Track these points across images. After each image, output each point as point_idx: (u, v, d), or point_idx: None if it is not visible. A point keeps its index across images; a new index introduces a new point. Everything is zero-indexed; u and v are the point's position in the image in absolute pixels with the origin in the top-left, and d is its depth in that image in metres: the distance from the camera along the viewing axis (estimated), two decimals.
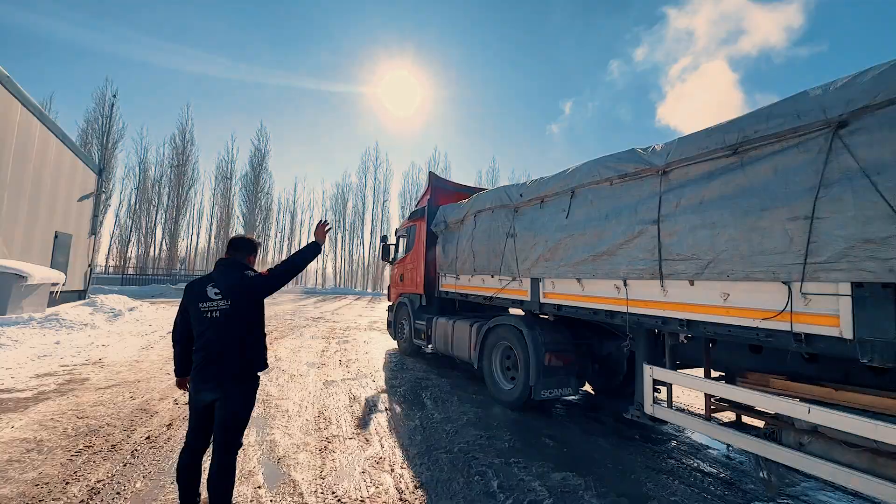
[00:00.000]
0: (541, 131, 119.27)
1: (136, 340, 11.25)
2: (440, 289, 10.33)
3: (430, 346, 10.00)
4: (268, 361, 3.43)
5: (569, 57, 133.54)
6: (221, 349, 3.12)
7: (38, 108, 15.09)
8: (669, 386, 5.01)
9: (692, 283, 4.42)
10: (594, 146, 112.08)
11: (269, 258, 56.77)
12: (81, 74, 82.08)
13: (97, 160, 29.50)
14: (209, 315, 3.17)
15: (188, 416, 3.26)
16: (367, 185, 64.30)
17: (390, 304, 12.73)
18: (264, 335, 3.42)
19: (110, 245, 51.21)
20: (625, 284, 5.16)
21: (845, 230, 3.27)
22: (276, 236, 62.67)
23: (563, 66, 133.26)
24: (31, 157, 14.76)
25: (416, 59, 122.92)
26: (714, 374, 4.96)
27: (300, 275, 63.51)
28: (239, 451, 3.27)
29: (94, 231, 22.10)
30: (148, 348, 10.26)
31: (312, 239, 3.68)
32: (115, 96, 33.78)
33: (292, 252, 3.42)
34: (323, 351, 11.23)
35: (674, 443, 5.75)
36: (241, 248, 3.57)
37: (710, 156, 4.31)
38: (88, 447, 4.77)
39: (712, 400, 4.62)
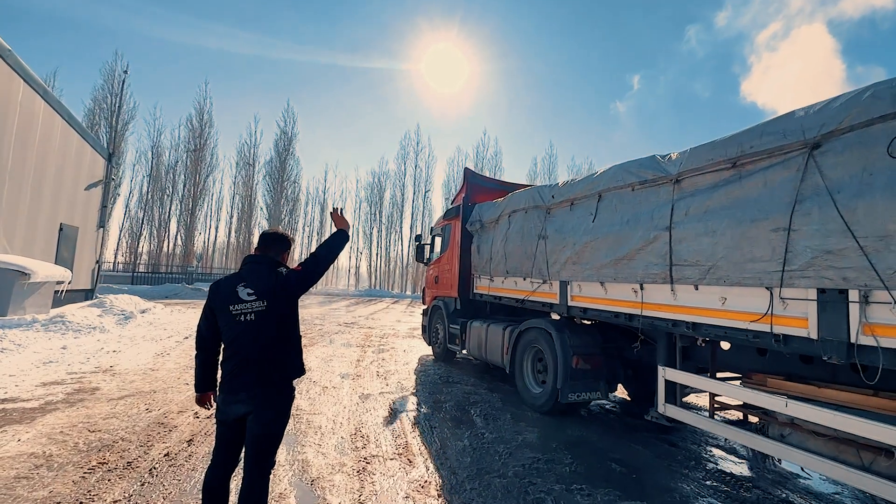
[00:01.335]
0: (604, 110, 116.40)
1: (149, 346, 11.85)
2: (474, 291, 11.48)
3: (464, 351, 11.11)
4: (304, 368, 3.45)
5: (637, 22, 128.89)
6: (257, 356, 3.26)
7: (41, 86, 15.78)
8: (678, 386, 5.94)
9: (697, 288, 5.43)
10: (666, 128, 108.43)
11: (296, 255, 57.67)
12: (88, 47, 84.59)
13: (106, 143, 30.49)
14: (242, 318, 3.27)
15: (214, 432, 3.33)
16: (406, 173, 65.25)
17: (425, 307, 13.95)
18: (300, 338, 3.47)
19: (119, 239, 53.30)
20: (641, 288, 6.19)
21: (812, 241, 4.27)
22: (303, 230, 63.74)
23: (630, 34, 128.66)
24: (34, 140, 15.44)
25: (463, 31, 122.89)
26: (729, 375, 6.12)
27: (329, 275, 63.93)
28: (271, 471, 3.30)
29: (103, 223, 22.99)
30: (163, 355, 10.74)
31: (335, 230, 3.82)
32: (125, 72, 34.71)
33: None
34: (358, 361, 11.84)
35: (759, 471, 5.92)
36: (275, 244, 3.71)
37: (714, 167, 5.31)
38: (102, 464, 5.04)
39: (716, 399, 5.74)
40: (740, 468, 5.94)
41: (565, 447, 6.26)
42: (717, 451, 6.45)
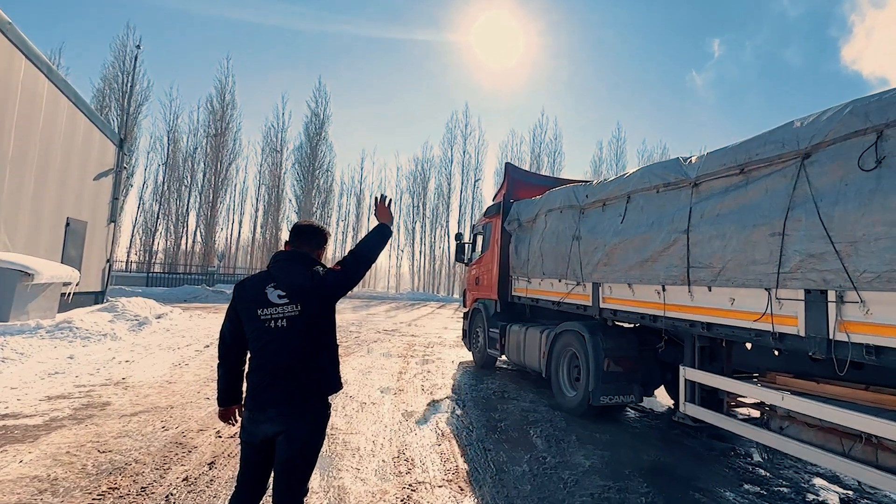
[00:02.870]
0: (679, 83, 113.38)
1: (166, 355, 12.28)
2: (512, 293, 12.58)
3: (503, 357, 12.29)
4: (341, 381, 3.51)
5: None
6: (288, 367, 3.28)
7: (46, 63, 16.35)
8: (695, 384, 6.88)
9: (710, 289, 6.47)
10: (753, 103, 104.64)
11: (329, 253, 57.61)
12: (96, 20, 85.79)
13: (117, 127, 31.18)
14: (272, 324, 3.29)
15: (239, 454, 3.30)
16: (453, 160, 65.86)
17: (465, 310, 15.09)
18: (337, 347, 3.41)
19: (133, 235, 54.59)
20: (663, 290, 7.22)
21: (800, 246, 5.28)
22: (338, 224, 64.18)
23: None
24: (37, 125, 16.04)
25: None
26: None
27: (366, 276, 64.80)
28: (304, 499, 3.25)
29: (114, 218, 23.63)
30: (181, 365, 11.08)
31: (377, 222, 3.84)
32: (138, 47, 35.63)
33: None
34: (400, 373, 12.25)
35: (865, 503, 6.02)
36: (310, 239, 3.73)
37: (726, 173, 6.36)
38: (113, 489, 5.14)
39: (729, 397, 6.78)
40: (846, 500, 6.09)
41: (640, 473, 6.36)
42: (817, 481, 6.52)
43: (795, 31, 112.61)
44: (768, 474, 6.57)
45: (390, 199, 3.94)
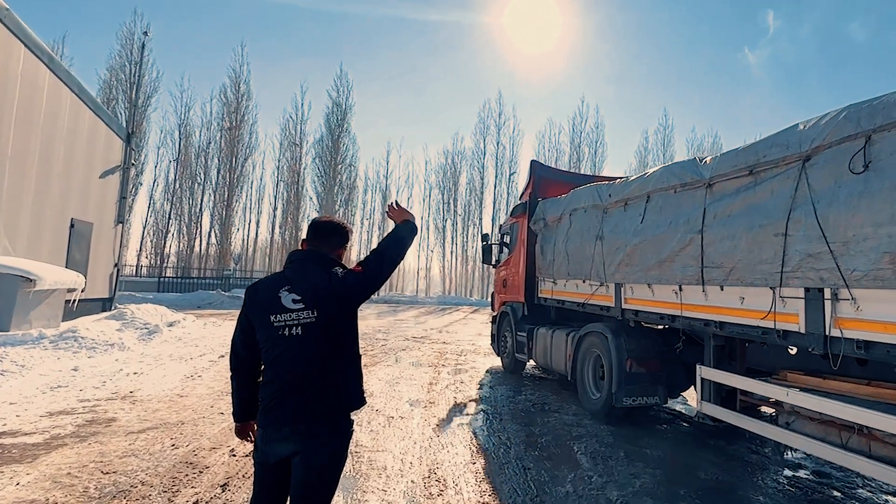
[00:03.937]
0: (731, 62, 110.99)
1: (177, 367, 12.46)
2: (539, 295, 13.21)
3: (531, 361, 12.96)
4: (364, 396, 3.50)
5: None
6: (304, 377, 3.20)
7: (47, 52, 16.63)
8: (712, 383, 7.53)
9: (722, 289, 7.14)
10: (812, 85, 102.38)
11: (351, 255, 58.11)
12: (101, 7, 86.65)
13: (124, 121, 31.47)
14: (286, 332, 3.22)
15: (253, 475, 3.18)
16: (486, 152, 66.27)
17: (493, 314, 15.88)
18: (359, 357, 3.28)
19: (143, 237, 55.21)
20: (680, 290, 7.90)
21: (800, 246, 5.96)
22: (362, 223, 64.42)
23: None
24: (38, 119, 16.34)
25: None
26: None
27: (393, 278, 64.50)
28: None
29: (122, 218, 23.86)
30: (193, 377, 11.20)
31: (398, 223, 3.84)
32: (146, 34, 35.81)
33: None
34: (430, 384, 12.38)
35: None
36: (329, 236, 3.67)
37: (737, 174, 7.05)
38: None
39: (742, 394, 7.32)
40: None
41: (696, 494, 6.35)
42: (893, 500, 6.59)
43: (859, 1, 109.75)
44: (840, 494, 6.59)
45: (396, 200, 3.92)
